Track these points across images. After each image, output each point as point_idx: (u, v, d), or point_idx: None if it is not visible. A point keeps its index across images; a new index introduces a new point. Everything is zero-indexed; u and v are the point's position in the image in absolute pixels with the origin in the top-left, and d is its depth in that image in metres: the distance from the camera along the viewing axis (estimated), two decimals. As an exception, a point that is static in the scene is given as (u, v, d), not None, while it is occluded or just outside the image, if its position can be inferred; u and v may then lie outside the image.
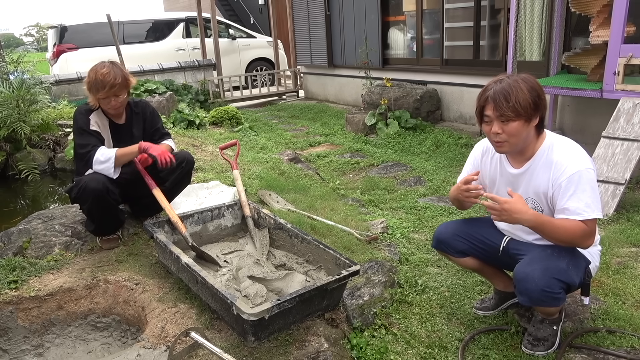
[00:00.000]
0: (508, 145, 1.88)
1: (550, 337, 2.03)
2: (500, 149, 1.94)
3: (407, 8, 7.21)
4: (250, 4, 15.71)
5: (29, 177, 4.78)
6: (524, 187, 1.98)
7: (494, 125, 1.86)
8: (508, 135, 1.85)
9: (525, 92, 1.80)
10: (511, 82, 1.83)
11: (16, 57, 5.90)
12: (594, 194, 1.81)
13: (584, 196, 1.80)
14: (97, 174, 2.72)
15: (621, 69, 3.82)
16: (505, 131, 1.84)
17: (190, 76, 8.71)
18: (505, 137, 1.86)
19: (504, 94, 1.80)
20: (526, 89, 1.80)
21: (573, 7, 4.34)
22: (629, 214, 3.37)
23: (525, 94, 1.79)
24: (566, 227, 1.82)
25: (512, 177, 2.01)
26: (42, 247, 2.86)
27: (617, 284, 2.50)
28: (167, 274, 2.62)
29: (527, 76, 1.86)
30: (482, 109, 1.89)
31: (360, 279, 2.53)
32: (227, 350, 1.99)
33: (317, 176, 4.60)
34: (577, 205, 1.80)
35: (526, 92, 1.80)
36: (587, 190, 1.80)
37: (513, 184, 2.01)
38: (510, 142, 1.87)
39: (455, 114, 6.48)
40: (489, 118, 1.87)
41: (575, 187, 1.81)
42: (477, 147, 2.19)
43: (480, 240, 2.17)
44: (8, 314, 2.43)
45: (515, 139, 1.86)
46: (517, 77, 1.85)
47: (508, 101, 1.79)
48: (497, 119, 1.83)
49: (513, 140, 1.86)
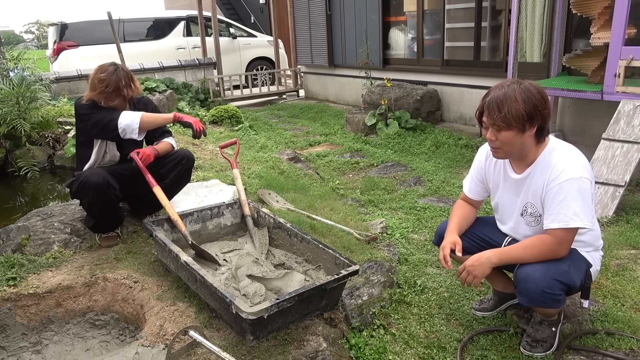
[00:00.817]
0: (502, 152, 1.91)
1: (549, 339, 2.03)
2: (495, 155, 1.97)
3: (408, 8, 7.20)
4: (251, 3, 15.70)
5: (28, 174, 4.78)
6: (524, 192, 1.98)
7: (489, 131, 1.89)
8: (501, 143, 1.87)
9: (520, 103, 1.77)
10: (509, 91, 1.80)
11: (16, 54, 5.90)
12: (584, 204, 1.80)
13: (573, 204, 1.79)
14: (98, 169, 2.73)
15: (622, 71, 3.82)
16: (498, 139, 1.86)
17: (190, 75, 8.71)
18: (499, 145, 1.88)
19: (498, 104, 1.80)
20: (522, 100, 1.77)
21: (574, 9, 4.34)
22: (629, 216, 3.37)
23: (519, 104, 1.77)
24: (533, 246, 1.87)
25: (514, 183, 2.02)
26: (41, 244, 2.86)
27: (616, 286, 2.51)
28: (166, 272, 2.62)
29: (530, 85, 1.82)
30: (481, 115, 1.91)
31: (359, 278, 2.52)
32: (225, 349, 1.99)
33: (316, 176, 4.60)
34: (565, 212, 1.80)
35: (520, 103, 1.77)
36: (577, 199, 1.79)
37: (515, 189, 2.02)
38: (504, 150, 1.90)
39: (455, 115, 6.48)
40: (485, 124, 1.90)
41: (566, 194, 1.80)
42: (481, 150, 2.20)
43: (483, 239, 2.17)
44: (6, 311, 2.43)
45: (509, 147, 1.88)
46: (520, 85, 1.82)
47: (500, 111, 1.79)
48: (491, 126, 1.86)
49: (506, 149, 1.89)
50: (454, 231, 2.12)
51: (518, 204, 2.02)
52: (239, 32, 11.28)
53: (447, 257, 2.02)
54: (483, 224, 2.23)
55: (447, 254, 2.02)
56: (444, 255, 2.02)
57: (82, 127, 2.88)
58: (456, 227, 2.13)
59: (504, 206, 2.11)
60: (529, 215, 2.00)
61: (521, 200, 2.00)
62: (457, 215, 2.19)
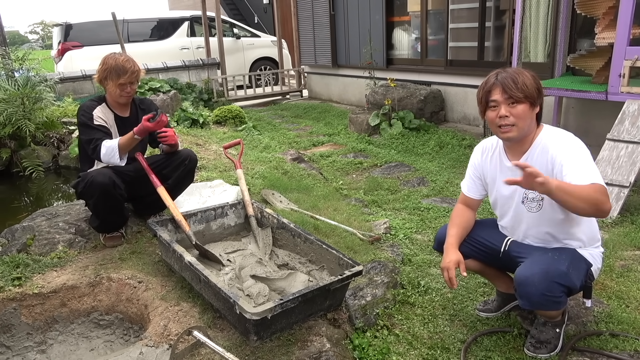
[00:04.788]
0: (516, 129, 1.90)
1: (553, 340, 2.03)
2: (507, 134, 1.92)
3: (412, 8, 7.19)
4: (254, 3, 15.71)
5: (33, 174, 4.80)
6: None
7: (501, 109, 1.89)
8: (516, 118, 1.88)
9: (530, 77, 1.89)
10: (514, 70, 1.93)
11: (21, 54, 5.92)
12: (593, 166, 1.83)
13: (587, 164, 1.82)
14: (103, 169, 2.74)
15: (626, 71, 3.80)
16: (512, 114, 1.88)
17: (194, 75, 8.72)
18: (512, 120, 1.88)
19: (512, 78, 1.88)
20: (530, 76, 1.90)
21: (579, 9, 4.33)
22: (633, 217, 3.36)
23: (530, 79, 1.89)
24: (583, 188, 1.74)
25: (510, 171, 2.01)
26: (46, 244, 2.87)
27: (621, 287, 2.50)
28: (170, 272, 2.62)
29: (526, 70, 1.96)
30: (487, 95, 1.92)
31: (362, 279, 2.52)
32: (229, 349, 1.99)
33: (320, 176, 4.60)
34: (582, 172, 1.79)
35: (531, 78, 1.89)
36: (587, 159, 1.84)
37: (512, 177, 2.00)
38: (518, 126, 1.89)
39: (459, 115, 6.46)
40: (495, 102, 1.90)
41: (575, 155, 1.84)
42: (475, 150, 2.22)
43: (482, 243, 2.17)
44: (11, 311, 2.44)
45: (522, 122, 1.89)
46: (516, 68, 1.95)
47: (516, 83, 1.86)
48: (505, 101, 1.88)
49: (521, 124, 1.89)
50: (454, 245, 2.08)
51: (518, 192, 2.02)
52: (242, 33, 11.30)
53: (453, 279, 1.98)
54: (482, 227, 2.23)
55: (453, 277, 1.98)
56: (449, 277, 1.99)
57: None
58: (456, 241, 2.10)
59: (502, 198, 2.10)
60: (530, 201, 1.99)
61: (520, 188, 1.99)
62: (456, 224, 2.16)
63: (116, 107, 2.96)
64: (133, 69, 2.83)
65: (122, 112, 2.98)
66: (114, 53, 2.92)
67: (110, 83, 2.83)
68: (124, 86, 2.84)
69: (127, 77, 2.81)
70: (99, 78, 2.86)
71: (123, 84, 2.82)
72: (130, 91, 2.88)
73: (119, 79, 2.80)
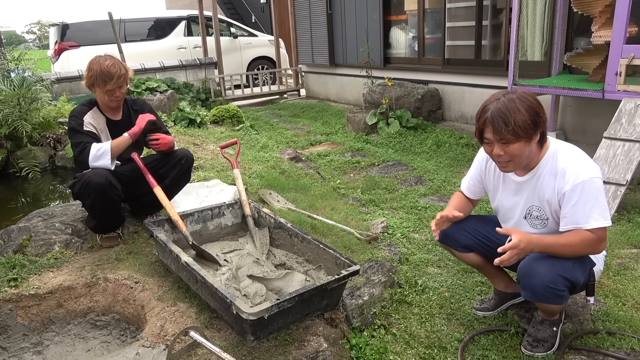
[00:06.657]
0: (512, 164, 1.88)
1: (550, 338, 2.03)
2: (505, 169, 1.94)
3: (409, 7, 7.19)
4: (252, 3, 15.69)
5: (29, 174, 4.78)
6: (529, 194, 1.97)
7: (495, 147, 1.85)
8: (511, 156, 1.84)
9: (523, 112, 1.77)
10: (508, 102, 1.79)
11: (17, 54, 5.89)
12: (598, 203, 1.80)
13: (586, 206, 1.80)
14: (100, 169, 2.73)
15: (623, 70, 3.80)
16: (507, 152, 1.83)
17: (191, 74, 8.70)
18: (508, 158, 1.85)
19: (503, 118, 1.77)
20: (524, 109, 1.77)
21: (575, 7, 4.33)
22: (630, 215, 3.36)
23: (523, 115, 1.76)
24: (572, 242, 1.82)
25: (515, 185, 2.01)
26: (42, 245, 2.86)
27: (618, 285, 2.50)
28: (167, 273, 2.62)
29: (523, 94, 1.83)
30: (481, 132, 1.87)
31: (360, 278, 2.52)
32: (226, 349, 1.99)
33: (317, 175, 4.59)
34: (580, 214, 1.81)
35: (524, 113, 1.77)
36: (589, 201, 1.79)
37: (517, 191, 2.01)
38: (515, 162, 1.87)
39: (456, 114, 6.47)
40: (489, 140, 1.85)
41: (578, 197, 1.80)
42: (482, 151, 2.19)
43: (486, 237, 2.16)
44: (7, 312, 2.43)
45: (519, 159, 1.85)
46: (514, 95, 1.82)
47: (507, 124, 1.76)
48: (498, 142, 1.82)
49: (517, 160, 1.86)
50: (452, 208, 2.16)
51: (520, 206, 2.02)
52: (240, 32, 11.28)
53: (443, 216, 2.03)
54: (486, 221, 2.23)
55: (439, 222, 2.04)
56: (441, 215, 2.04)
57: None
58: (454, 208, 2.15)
59: (504, 208, 2.10)
60: (533, 218, 1.99)
61: (524, 203, 2.00)
62: (454, 203, 2.23)
63: (108, 111, 2.93)
64: (119, 73, 2.76)
65: (114, 115, 2.96)
66: (99, 57, 2.83)
67: (97, 90, 2.80)
68: (112, 92, 2.79)
69: (113, 83, 2.76)
70: (87, 84, 2.82)
71: (110, 90, 2.78)
72: (119, 95, 2.84)
73: (106, 86, 2.76)
